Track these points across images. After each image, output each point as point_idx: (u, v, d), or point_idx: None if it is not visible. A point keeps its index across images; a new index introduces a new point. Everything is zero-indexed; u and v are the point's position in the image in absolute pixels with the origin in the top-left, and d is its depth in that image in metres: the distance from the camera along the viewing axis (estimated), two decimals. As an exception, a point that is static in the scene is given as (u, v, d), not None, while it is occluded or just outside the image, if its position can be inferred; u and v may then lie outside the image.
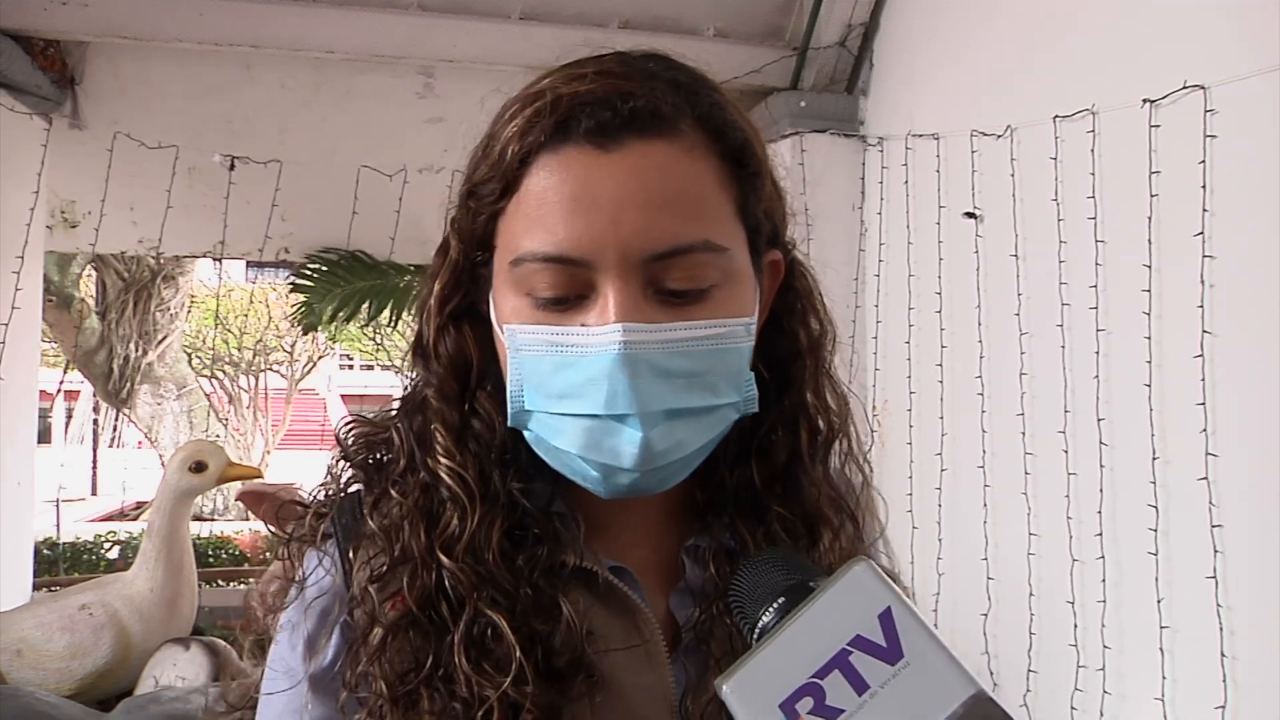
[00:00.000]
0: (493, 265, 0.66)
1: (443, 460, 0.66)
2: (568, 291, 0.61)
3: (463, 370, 0.68)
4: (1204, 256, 1.61)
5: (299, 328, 6.80)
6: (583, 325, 0.60)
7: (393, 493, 0.67)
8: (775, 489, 0.71)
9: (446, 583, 0.63)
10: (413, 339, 0.70)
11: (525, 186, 0.62)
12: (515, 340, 0.63)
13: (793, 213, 0.73)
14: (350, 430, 0.72)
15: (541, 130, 0.61)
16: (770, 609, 0.55)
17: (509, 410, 0.64)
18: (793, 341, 0.72)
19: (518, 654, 0.61)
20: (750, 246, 0.65)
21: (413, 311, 0.73)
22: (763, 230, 0.67)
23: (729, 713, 0.49)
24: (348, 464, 0.71)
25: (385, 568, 0.65)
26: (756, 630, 0.55)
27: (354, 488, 0.71)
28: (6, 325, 2.49)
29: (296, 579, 0.69)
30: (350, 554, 0.67)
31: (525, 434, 0.65)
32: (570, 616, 0.64)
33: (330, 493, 0.71)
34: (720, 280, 0.62)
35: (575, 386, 0.61)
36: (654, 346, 0.60)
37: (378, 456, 0.71)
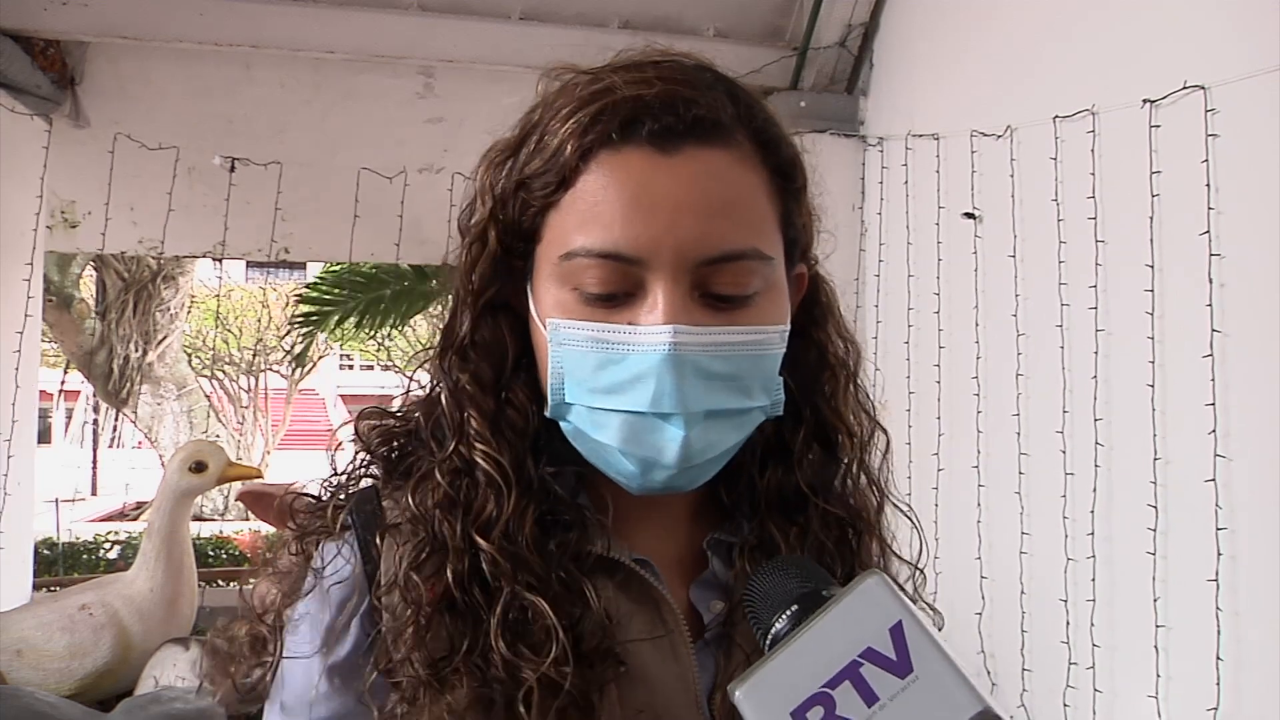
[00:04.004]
0: (534, 258, 0.66)
1: (478, 446, 0.66)
2: (617, 288, 0.62)
3: (498, 359, 0.69)
4: (1211, 255, 1.61)
5: (299, 345, 6.85)
6: (630, 324, 0.62)
7: (437, 475, 0.67)
8: (809, 493, 0.72)
9: (483, 566, 0.64)
10: (445, 326, 0.71)
11: (582, 182, 0.62)
12: (558, 334, 0.64)
13: (819, 230, 0.74)
14: (369, 422, 0.73)
15: (604, 129, 0.62)
16: (784, 615, 0.56)
17: (549, 402, 0.65)
18: (820, 353, 0.74)
19: (560, 635, 0.62)
20: (787, 258, 0.67)
21: (445, 302, 0.73)
22: (799, 243, 0.70)
23: None
24: (368, 456, 0.72)
25: (425, 554, 0.65)
26: (770, 636, 0.56)
27: (367, 481, 0.71)
28: (21, 334, 2.51)
29: (313, 570, 0.68)
30: (376, 543, 0.67)
31: (563, 425, 0.66)
32: (604, 602, 0.65)
33: (344, 483, 0.72)
34: (763, 288, 0.64)
35: (620, 383, 0.62)
36: (700, 349, 0.61)
37: (396, 448, 0.72)
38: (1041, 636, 2.02)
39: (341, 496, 0.71)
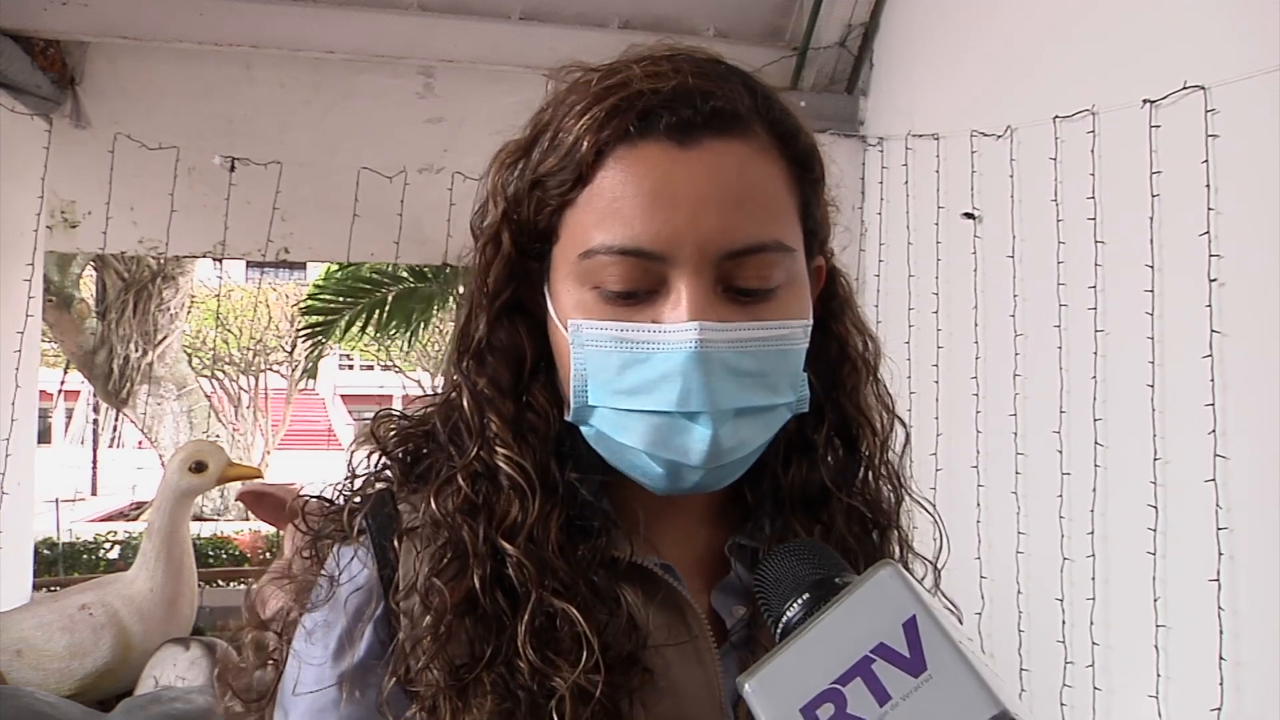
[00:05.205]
0: (550, 258, 0.65)
1: (499, 450, 0.65)
2: (639, 286, 0.61)
3: (516, 362, 0.67)
4: (1211, 255, 1.61)
5: (312, 351, 6.94)
6: (654, 322, 0.60)
7: (459, 480, 0.65)
8: (833, 489, 0.71)
9: (508, 572, 0.63)
10: (459, 330, 0.69)
11: (599, 179, 0.61)
12: (580, 335, 0.62)
13: (836, 222, 0.73)
14: (385, 424, 0.71)
15: (621, 123, 0.61)
16: (795, 604, 0.55)
17: (571, 405, 0.64)
18: (841, 346, 0.73)
19: (594, 641, 0.61)
20: (806, 250, 0.66)
21: (459, 304, 0.72)
22: (818, 235, 0.69)
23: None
24: (384, 458, 0.70)
25: (447, 559, 0.63)
26: (780, 625, 0.55)
27: (381, 485, 0.70)
28: (22, 334, 2.51)
29: (326, 575, 0.67)
30: (394, 547, 0.66)
31: (584, 429, 0.65)
32: (631, 608, 0.64)
33: (359, 487, 0.70)
34: (785, 281, 0.63)
35: (645, 383, 0.61)
36: (725, 345, 0.60)
37: (412, 451, 0.70)
38: (1039, 636, 2.02)
39: (357, 500, 0.69)
